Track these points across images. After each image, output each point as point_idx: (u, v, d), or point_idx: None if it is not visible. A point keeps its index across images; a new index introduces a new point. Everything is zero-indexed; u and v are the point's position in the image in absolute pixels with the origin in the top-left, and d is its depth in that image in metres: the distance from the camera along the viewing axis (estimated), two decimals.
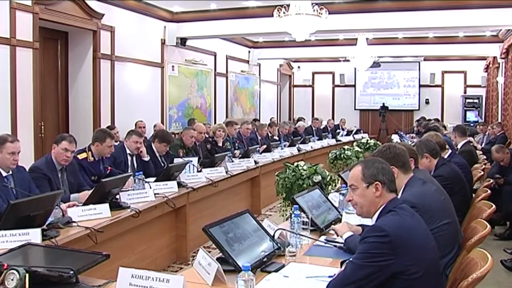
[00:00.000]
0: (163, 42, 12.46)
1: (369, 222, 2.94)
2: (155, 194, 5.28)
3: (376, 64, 16.69)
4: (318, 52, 17.36)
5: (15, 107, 8.21)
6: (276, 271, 2.93)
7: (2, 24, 7.99)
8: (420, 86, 19.73)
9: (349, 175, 2.91)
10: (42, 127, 8.95)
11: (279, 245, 3.20)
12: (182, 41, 12.78)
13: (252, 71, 17.85)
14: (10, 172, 4.58)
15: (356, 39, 14.67)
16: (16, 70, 8.20)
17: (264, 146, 10.08)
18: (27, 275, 2.49)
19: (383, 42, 16.13)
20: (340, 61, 18.62)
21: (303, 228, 3.48)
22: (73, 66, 10.20)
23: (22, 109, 8.32)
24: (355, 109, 20.59)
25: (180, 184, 5.90)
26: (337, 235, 3.46)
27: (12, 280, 2.49)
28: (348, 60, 15.45)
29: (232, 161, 7.99)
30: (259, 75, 18.53)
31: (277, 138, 11.92)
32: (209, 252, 2.93)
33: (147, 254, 5.31)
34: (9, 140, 4.55)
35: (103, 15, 10.17)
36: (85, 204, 4.45)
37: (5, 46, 8.04)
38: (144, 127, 10.58)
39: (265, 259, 3.00)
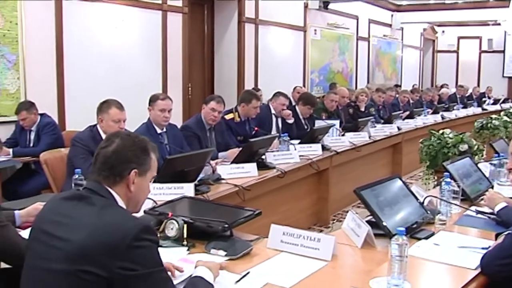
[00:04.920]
0: (305, 6, 12.37)
1: None
2: (299, 156, 5.32)
3: None
4: (465, 15, 16.29)
5: (166, 70, 8.57)
6: (426, 238, 2.84)
7: None
8: None
9: (511, 143, 2.74)
10: (190, 88, 9.30)
11: (428, 212, 3.10)
12: (325, 4, 12.57)
13: (394, 35, 17.26)
14: (164, 130, 4.84)
15: (509, 0, 13.65)
16: (167, 34, 8.54)
17: (407, 113, 9.79)
18: (185, 225, 2.62)
19: None
20: (488, 24, 17.41)
21: (453, 197, 3.34)
22: (218, 30, 10.44)
23: (172, 72, 8.68)
24: (503, 76, 19.15)
25: (324, 147, 5.90)
26: (488, 207, 3.27)
27: (172, 229, 2.63)
28: (499, 24, 14.42)
29: (375, 126, 7.86)
30: (402, 39, 17.87)
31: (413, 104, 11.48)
32: None
33: (289, 214, 5.37)
34: (160, 97, 4.82)
35: None
36: (232, 162, 4.59)
37: (158, 12, 8.37)
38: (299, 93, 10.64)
39: (414, 226, 2.91)
